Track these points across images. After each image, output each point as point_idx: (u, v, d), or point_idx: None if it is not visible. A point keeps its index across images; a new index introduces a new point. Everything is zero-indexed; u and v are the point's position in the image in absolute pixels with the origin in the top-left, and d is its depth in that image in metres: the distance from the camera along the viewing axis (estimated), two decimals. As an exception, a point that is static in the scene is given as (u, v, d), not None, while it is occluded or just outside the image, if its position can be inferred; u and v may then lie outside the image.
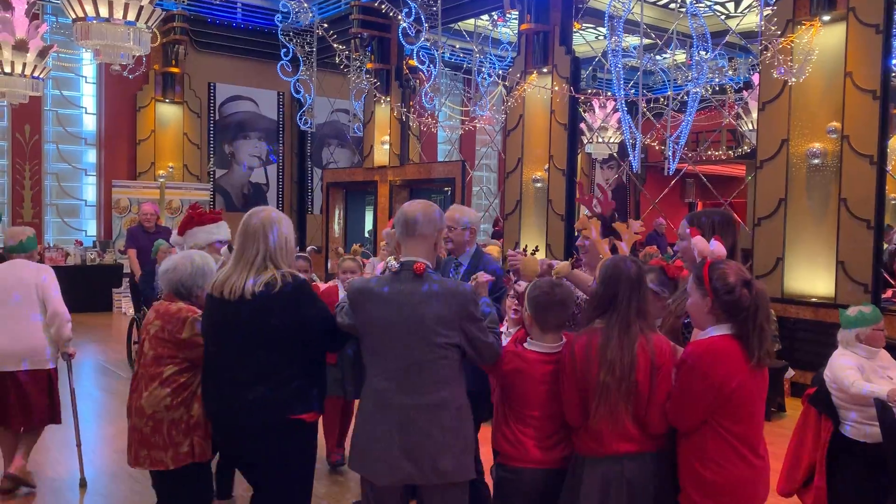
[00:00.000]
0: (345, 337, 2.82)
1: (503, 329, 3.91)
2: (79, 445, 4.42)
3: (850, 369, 3.57)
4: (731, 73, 9.88)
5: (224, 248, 4.45)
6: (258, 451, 2.75)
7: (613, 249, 3.55)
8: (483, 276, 3.28)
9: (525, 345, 2.70)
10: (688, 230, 2.83)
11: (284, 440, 2.72)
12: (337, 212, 12.39)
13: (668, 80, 10.52)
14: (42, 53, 7.69)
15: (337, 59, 10.39)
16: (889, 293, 6.65)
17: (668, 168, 7.79)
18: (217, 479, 4.07)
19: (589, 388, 2.45)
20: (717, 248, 2.59)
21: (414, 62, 9.94)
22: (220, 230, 4.47)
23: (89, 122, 12.04)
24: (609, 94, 9.53)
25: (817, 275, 6.47)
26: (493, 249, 6.32)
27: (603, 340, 2.44)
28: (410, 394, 2.55)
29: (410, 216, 2.65)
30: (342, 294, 5.71)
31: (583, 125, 10.68)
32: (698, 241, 2.65)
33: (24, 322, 4.19)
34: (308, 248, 7.48)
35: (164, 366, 3.06)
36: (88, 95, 12.04)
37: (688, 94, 7.73)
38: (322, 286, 5.90)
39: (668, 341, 2.57)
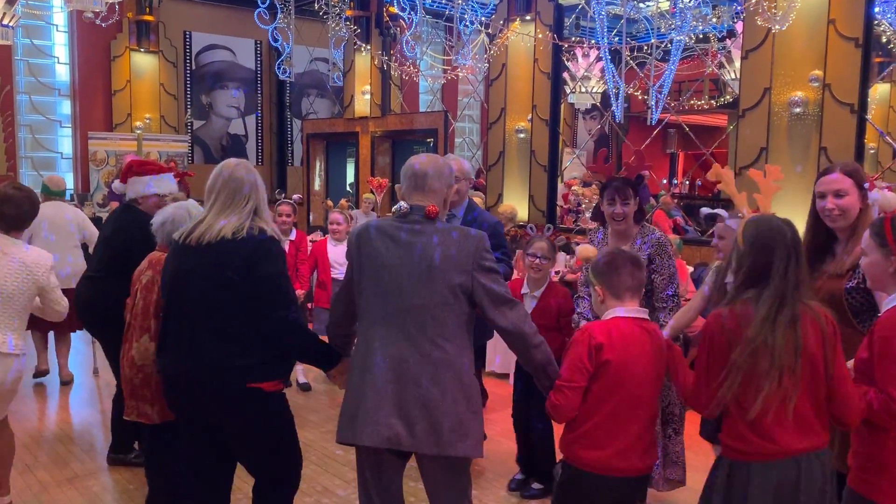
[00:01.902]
0: (291, 312, 2.52)
1: (525, 290, 3.94)
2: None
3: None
4: (714, 21, 9.80)
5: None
6: (216, 418, 2.57)
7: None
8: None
9: (610, 314, 2.39)
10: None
11: (243, 409, 2.52)
12: (318, 164, 12.27)
13: (652, 29, 10.43)
14: (10, 0, 7.45)
15: (315, 6, 10.16)
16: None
17: (651, 118, 7.78)
18: (114, 431, 4.07)
19: (742, 373, 2.05)
20: None
21: (394, 9, 9.75)
22: (161, 184, 4.16)
23: (62, 73, 11.75)
24: (592, 42, 9.44)
25: (797, 224, 6.52)
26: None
27: (763, 319, 2.04)
28: (409, 343, 2.33)
29: (420, 170, 2.48)
30: (330, 246, 5.78)
31: (565, 74, 10.58)
32: (889, 196, 2.48)
33: (74, 248, 5.63)
34: (294, 196, 7.43)
35: (154, 317, 3.02)
36: (60, 45, 11.72)
37: (671, 42, 7.67)
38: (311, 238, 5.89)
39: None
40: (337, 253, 5.62)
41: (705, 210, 5.05)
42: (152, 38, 12.04)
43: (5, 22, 7.60)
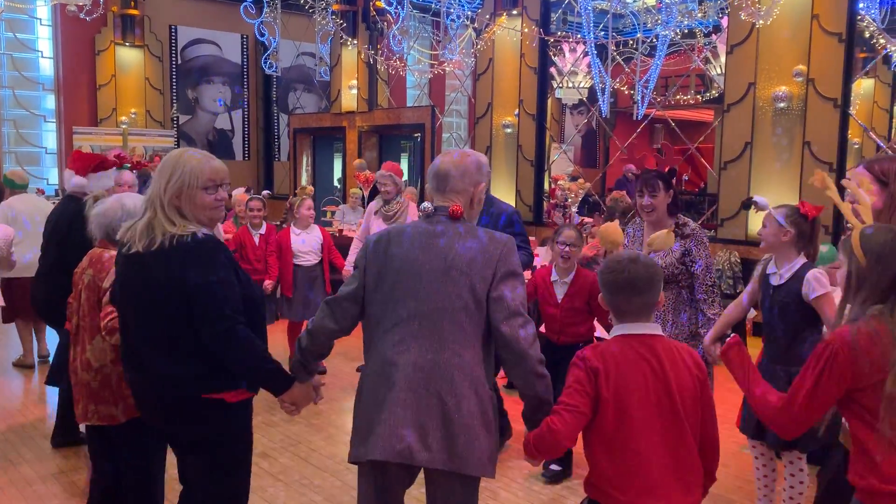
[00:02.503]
0: (228, 324, 2.24)
1: (554, 278, 4.00)
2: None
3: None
4: (700, 16, 9.84)
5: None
6: (173, 428, 2.43)
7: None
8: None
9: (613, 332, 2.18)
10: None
11: (199, 421, 2.35)
12: (305, 158, 12.24)
13: (638, 24, 10.46)
14: (-7, -7, 7.40)
15: (301, 1, 10.13)
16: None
17: (637, 113, 7.81)
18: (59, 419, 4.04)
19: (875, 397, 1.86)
20: None
21: (381, 3, 9.73)
22: (103, 179, 4.16)
23: (46, 67, 11.67)
24: (579, 37, 9.46)
25: (780, 217, 6.59)
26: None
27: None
28: (424, 349, 2.17)
29: (441, 169, 2.35)
30: (296, 239, 5.85)
31: (552, 69, 10.61)
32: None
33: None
34: (263, 192, 7.50)
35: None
36: (44, 38, 11.64)
37: (657, 37, 7.70)
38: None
39: None
40: (300, 241, 5.75)
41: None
42: (137, 33, 11.97)
43: (-13, 15, 7.53)
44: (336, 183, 12.39)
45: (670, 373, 2.04)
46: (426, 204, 2.33)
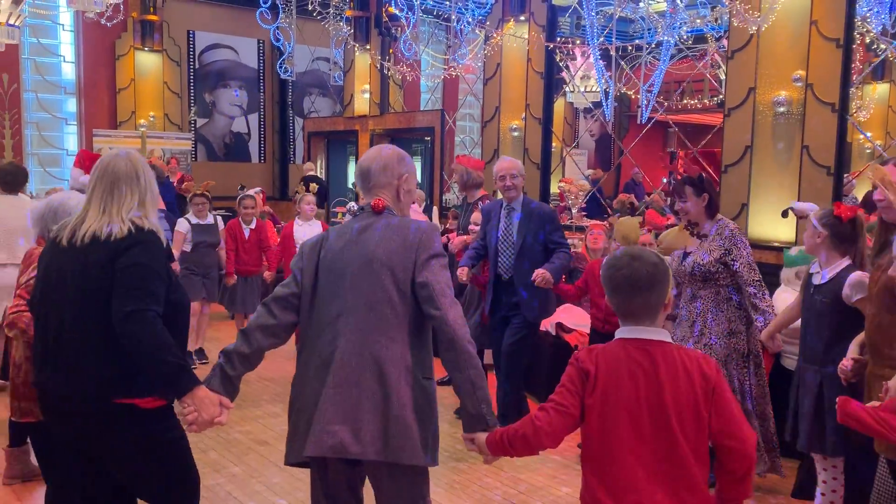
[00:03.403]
0: (143, 307, 2.14)
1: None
2: None
3: (789, 304, 3.80)
4: (711, 21, 9.92)
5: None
6: (82, 436, 2.29)
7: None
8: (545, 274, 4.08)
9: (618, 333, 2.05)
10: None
11: (111, 428, 2.24)
12: (319, 161, 12.45)
13: (647, 29, 10.55)
14: (17, 0, 7.65)
15: (309, 7, 10.34)
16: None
17: (641, 117, 7.92)
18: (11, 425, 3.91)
19: None
20: None
21: (392, 9, 9.92)
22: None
23: (68, 71, 11.97)
24: (579, 41, 9.58)
25: (779, 220, 6.64)
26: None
27: None
28: (352, 343, 2.18)
29: (363, 167, 2.38)
30: (298, 230, 6.39)
31: (564, 74, 10.72)
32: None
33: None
34: (253, 190, 7.81)
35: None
36: (66, 43, 11.94)
37: (660, 43, 7.81)
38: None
39: None
40: (302, 232, 6.36)
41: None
42: (156, 38, 12.24)
43: (12, 21, 7.80)
44: (350, 185, 12.58)
45: (666, 383, 1.92)
46: (351, 204, 2.38)
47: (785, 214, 3.59)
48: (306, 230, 6.37)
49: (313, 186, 7.35)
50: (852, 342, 2.97)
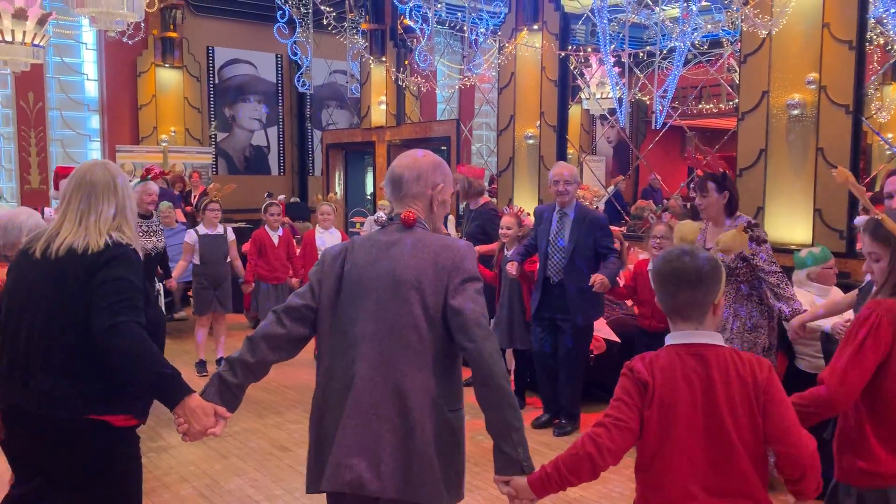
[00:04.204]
0: (125, 318, 2.09)
1: (651, 268, 4.35)
2: None
3: (835, 300, 3.82)
4: (728, 25, 9.92)
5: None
6: (49, 456, 2.21)
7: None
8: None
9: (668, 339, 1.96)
10: None
11: (80, 447, 2.16)
12: (337, 173, 12.59)
13: (661, 35, 10.57)
14: (41, 21, 7.86)
15: (325, 21, 10.49)
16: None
17: (655, 122, 7.94)
18: None
19: None
20: None
21: (407, 21, 10.04)
22: None
23: (91, 89, 12.23)
24: (591, 49, 9.62)
25: (796, 222, 6.66)
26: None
27: None
28: (374, 371, 2.02)
29: (395, 174, 2.19)
30: (318, 238, 6.56)
31: (579, 81, 10.77)
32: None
33: None
34: (279, 197, 8.02)
35: None
36: (89, 62, 12.21)
37: (673, 49, 7.84)
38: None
39: None
40: (321, 240, 6.56)
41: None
42: (176, 54, 12.48)
43: (37, 41, 8.01)
44: (368, 196, 12.70)
45: (720, 390, 1.84)
46: (379, 213, 2.22)
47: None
48: (325, 238, 6.55)
49: (331, 196, 7.55)
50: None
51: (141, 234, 5.11)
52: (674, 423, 1.85)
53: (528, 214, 5.77)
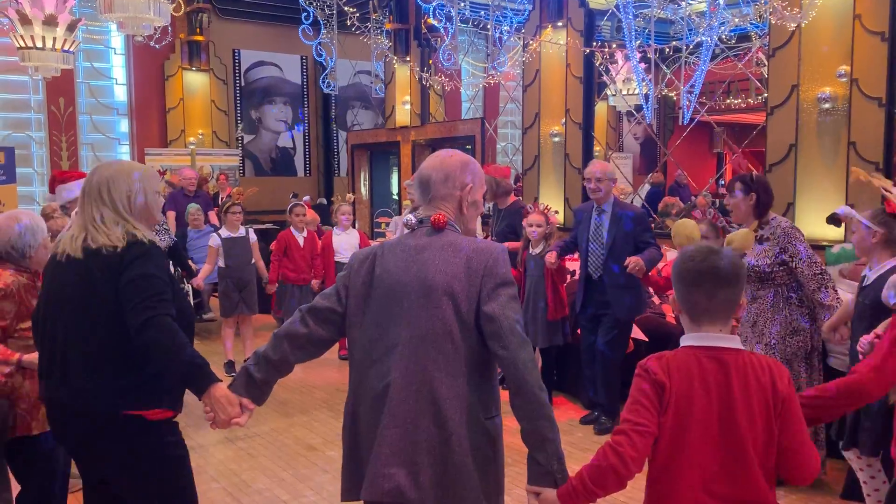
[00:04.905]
0: (157, 312, 2.15)
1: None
2: None
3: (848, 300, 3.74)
4: (756, 19, 9.79)
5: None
6: (87, 450, 2.34)
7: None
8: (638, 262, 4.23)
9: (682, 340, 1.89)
10: None
11: (117, 441, 2.26)
12: (362, 173, 12.63)
13: (687, 30, 10.46)
14: (71, 27, 7.98)
15: (349, 22, 10.53)
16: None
17: (682, 118, 7.86)
18: None
19: None
20: None
21: (431, 20, 10.03)
22: (64, 192, 4.41)
23: (120, 93, 12.40)
24: (615, 45, 9.54)
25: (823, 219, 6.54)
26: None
27: None
28: (407, 375, 1.97)
29: (423, 175, 2.15)
30: (336, 239, 6.63)
31: (606, 77, 10.69)
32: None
33: None
34: (305, 198, 8.10)
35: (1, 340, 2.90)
36: (118, 66, 12.37)
37: (699, 44, 7.75)
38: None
39: None
40: (339, 242, 6.74)
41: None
42: (203, 58, 12.60)
43: (67, 47, 8.13)
44: (394, 196, 12.73)
45: (739, 398, 1.78)
46: (409, 216, 2.16)
47: (834, 222, 3.54)
48: (343, 239, 6.66)
49: (349, 196, 7.61)
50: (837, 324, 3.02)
51: None
52: (688, 429, 1.79)
53: (556, 212, 5.77)
